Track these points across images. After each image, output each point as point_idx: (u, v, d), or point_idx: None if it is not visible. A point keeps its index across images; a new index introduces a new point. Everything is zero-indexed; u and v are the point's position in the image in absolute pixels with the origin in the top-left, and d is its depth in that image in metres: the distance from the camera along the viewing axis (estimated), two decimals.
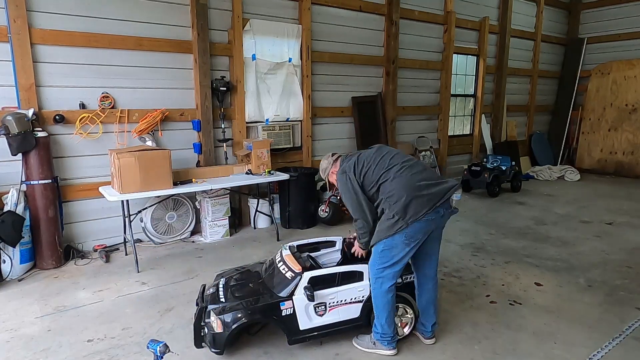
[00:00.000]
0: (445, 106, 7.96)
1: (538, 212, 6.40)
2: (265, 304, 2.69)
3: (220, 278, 3.06)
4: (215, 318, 2.63)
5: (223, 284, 2.95)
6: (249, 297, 2.75)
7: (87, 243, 4.72)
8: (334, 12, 6.26)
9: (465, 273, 4.12)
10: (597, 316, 3.31)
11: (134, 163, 4.07)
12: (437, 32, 7.63)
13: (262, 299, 2.73)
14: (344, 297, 2.80)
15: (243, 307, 2.66)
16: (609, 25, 9.67)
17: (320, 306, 2.76)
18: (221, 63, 5.36)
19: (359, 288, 2.82)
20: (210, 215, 5.05)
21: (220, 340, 2.62)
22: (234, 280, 2.99)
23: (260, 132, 5.68)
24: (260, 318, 2.71)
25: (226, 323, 2.61)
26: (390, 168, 2.71)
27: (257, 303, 2.69)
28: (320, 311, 2.77)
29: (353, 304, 2.82)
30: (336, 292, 2.79)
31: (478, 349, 2.87)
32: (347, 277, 2.84)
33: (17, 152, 4.02)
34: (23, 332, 3.10)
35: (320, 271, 2.81)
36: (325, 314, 2.78)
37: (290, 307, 2.70)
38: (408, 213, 2.57)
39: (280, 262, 2.94)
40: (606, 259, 4.49)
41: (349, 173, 2.76)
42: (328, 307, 2.78)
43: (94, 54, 4.53)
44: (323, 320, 2.79)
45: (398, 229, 2.58)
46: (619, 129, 9.34)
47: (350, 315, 2.84)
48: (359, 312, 2.84)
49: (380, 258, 2.67)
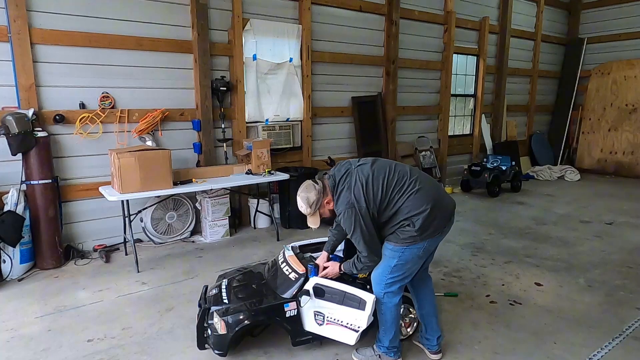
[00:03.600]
0: (445, 106, 7.96)
1: (538, 212, 6.40)
2: (269, 305, 2.66)
3: (223, 279, 3.04)
4: (219, 319, 2.60)
5: (226, 285, 2.92)
6: (252, 298, 2.72)
7: (87, 243, 4.72)
8: (334, 12, 6.26)
9: (465, 273, 4.12)
10: (597, 316, 3.31)
11: (134, 163, 4.07)
12: (437, 32, 7.63)
13: (266, 300, 2.70)
14: (341, 317, 2.62)
15: (247, 308, 2.63)
16: (609, 25, 9.67)
17: (319, 315, 2.68)
18: (221, 63, 5.36)
19: (356, 316, 2.58)
20: (210, 215, 5.05)
21: (224, 342, 2.59)
22: (236, 281, 2.96)
23: (260, 132, 5.67)
24: (264, 319, 2.68)
25: (230, 324, 2.58)
26: (405, 184, 2.44)
27: (261, 304, 2.66)
28: (318, 320, 2.68)
29: (348, 330, 2.63)
30: (334, 309, 2.63)
31: (478, 349, 2.87)
32: (350, 299, 2.62)
33: (17, 152, 4.02)
34: (23, 332, 3.10)
35: (327, 282, 2.67)
36: (322, 325, 2.69)
37: (294, 309, 2.67)
38: (431, 227, 2.42)
39: (284, 263, 2.91)
40: (606, 259, 4.49)
41: (360, 204, 2.37)
42: (326, 319, 2.67)
43: (94, 54, 4.53)
44: (321, 330, 2.70)
45: (417, 242, 2.42)
46: (619, 129, 9.34)
47: (345, 339, 2.64)
48: (354, 341, 2.62)
49: (392, 272, 2.47)
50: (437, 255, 4.55)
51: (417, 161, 7.52)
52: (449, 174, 8.26)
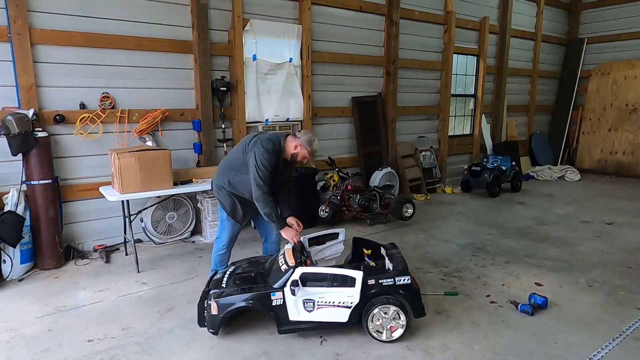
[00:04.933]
0: (446, 106, 7.96)
1: (538, 212, 6.40)
2: (257, 293, 2.87)
3: (231, 266, 3.32)
4: (213, 301, 2.88)
5: (230, 271, 3.18)
6: (245, 285, 2.96)
7: (87, 243, 4.73)
8: (334, 12, 6.26)
9: (466, 273, 4.12)
10: (597, 316, 3.31)
11: (134, 163, 4.07)
12: (437, 32, 7.63)
13: (256, 287, 2.92)
14: (332, 299, 2.84)
15: (238, 293, 2.88)
16: (609, 25, 9.67)
17: (309, 302, 2.83)
18: (221, 63, 5.36)
19: (348, 294, 2.83)
20: (210, 215, 5.05)
21: (215, 322, 2.88)
22: (241, 269, 3.22)
23: None
24: (252, 305, 2.87)
25: (221, 306, 2.85)
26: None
27: (251, 291, 2.89)
28: (308, 307, 2.83)
29: (341, 308, 2.84)
30: (325, 292, 2.83)
31: (478, 349, 2.87)
32: (339, 280, 2.87)
33: (17, 152, 4.02)
34: (23, 332, 3.10)
35: (312, 269, 2.92)
36: (313, 311, 2.84)
37: (280, 298, 2.83)
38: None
39: (281, 255, 3.07)
40: (606, 259, 4.49)
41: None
42: (316, 305, 2.83)
43: (94, 54, 4.54)
44: (311, 316, 2.84)
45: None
46: (619, 129, 9.34)
47: (338, 318, 2.87)
48: (347, 317, 2.86)
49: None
50: (437, 255, 4.60)
51: (417, 161, 7.52)
52: (449, 174, 8.26)
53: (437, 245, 4.95)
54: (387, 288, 2.87)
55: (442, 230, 5.52)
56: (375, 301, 2.83)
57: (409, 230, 5.50)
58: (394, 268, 3.03)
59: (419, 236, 5.27)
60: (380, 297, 2.84)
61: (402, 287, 2.89)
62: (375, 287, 2.85)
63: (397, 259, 3.13)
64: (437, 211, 6.48)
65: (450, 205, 6.85)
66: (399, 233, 5.39)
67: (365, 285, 2.83)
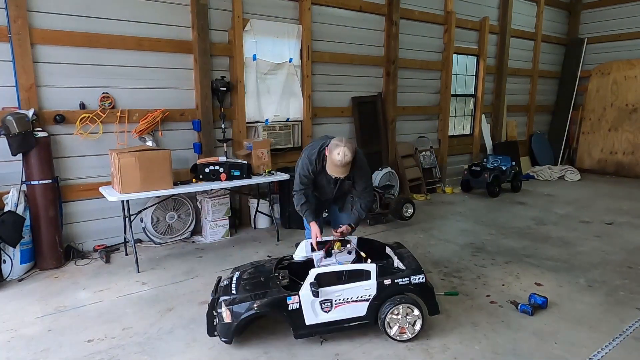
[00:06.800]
0: (446, 106, 7.96)
1: (538, 212, 6.40)
2: (273, 298, 2.79)
3: (236, 272, 3.22)
4: (225, 309, 2.77)
5: (237, 277, 3.09)
6: (258, 290, 2.86)
7: (87, 243, 4.72)
8: (334, 12, 6.26)
9: (466, 273, 4.12)
10: (597, 316, 3.31)
11: (134, 163, 4.07)
12: (437, 32, 7.63)
13: (270, 292, 2.83)
14: (350, 295, 2.84)
15: (252, 299, 2.78)
16: (609, 25, 9.67)
17: (327, 303, 2.81)
18: (221, 63, 5.36)
19: (365, 287, 2.85)
20: (210, 215, 5.06)
21: (229, 330, 2.76)
22: (247, 274, 3.14)
23: (261, 132, 5.68)
24: (267, 311, 2.80)
25: (235, 314, 2.75)
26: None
27: (265, 297, 2.80)
28: (326, 307, 2.82)
29: (359, 302, 2.86)
30: (342, 290, 2.83)
31: (478, 349, 2.88)
32: (354, 275, 2.90)
33: (17, 152, 4.02)
34: (23, 332, 3.10)
35: (327, 269, 2.92)
36: (331, 311, 2.83)
37: (296, 302, 2.78)
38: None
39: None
40: (606, 259, 4.49)
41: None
42: (334, 304, 2.82)
43: (94, 54, 4.54)
44: (329, 316, 2.83)
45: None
46: (619, 129, 9.34)
47: (356, 313, 2.87)
48: (365, 310, 2.87)
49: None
50: (437, 255, 4.60)
51: (417, 161, 7.52)
52: (449, 174, 8.26)
53: (437, 245, 4.95)
54: (402, 287, 2.90)
55: (442, 230, 5.52)
56: (394, 299, 2.85)
57: (409, 230, 5.50)
58: (407, 267, 3.04)
59: (419, 236, 5.27)
60: (396, 296, 2.87)
61: (418, 286, 2.92)
62: (391, 287, 2.87)
63: (408, 258, 3.15)
64: (437, 211, 6.48)
65: (450, 205, 6.85)
66: (399, 233, 5.39)
67: (381, 286, 2.84)
